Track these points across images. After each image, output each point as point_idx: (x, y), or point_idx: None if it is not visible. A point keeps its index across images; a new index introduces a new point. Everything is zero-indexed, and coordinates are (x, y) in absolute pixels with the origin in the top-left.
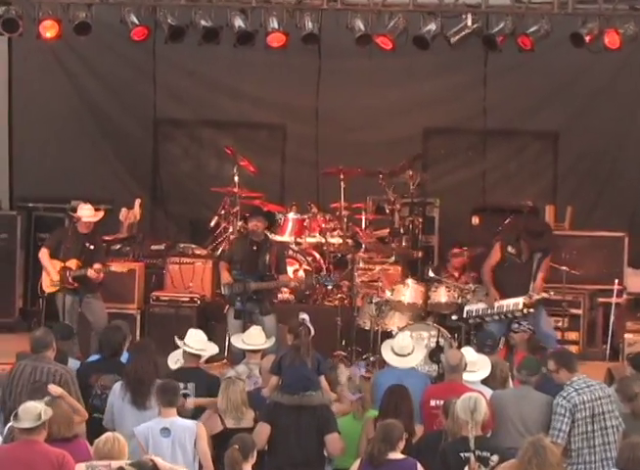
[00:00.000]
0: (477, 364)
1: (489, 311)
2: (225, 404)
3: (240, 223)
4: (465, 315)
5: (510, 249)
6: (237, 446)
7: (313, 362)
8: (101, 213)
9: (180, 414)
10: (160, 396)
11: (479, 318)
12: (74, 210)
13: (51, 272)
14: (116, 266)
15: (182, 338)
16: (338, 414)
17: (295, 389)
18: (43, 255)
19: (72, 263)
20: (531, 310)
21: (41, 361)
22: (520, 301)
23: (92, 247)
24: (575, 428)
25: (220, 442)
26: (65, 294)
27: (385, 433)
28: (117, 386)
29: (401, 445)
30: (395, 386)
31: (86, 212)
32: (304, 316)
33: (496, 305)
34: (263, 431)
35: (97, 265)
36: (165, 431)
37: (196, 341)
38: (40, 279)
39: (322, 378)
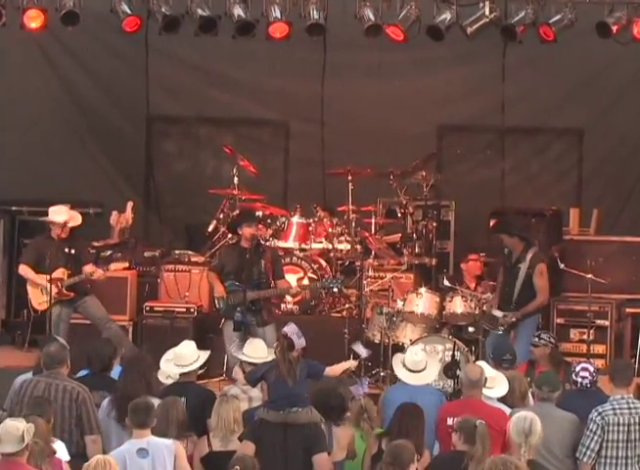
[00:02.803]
0: (495, 380)
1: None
2: (216, 423)
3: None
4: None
5: (506, 250)
6: (238, 468)
7: (301, 377)
8: (78, 218)
9: None
10: (132, 416)
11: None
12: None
13: (42, 285)
14: (115, 265)
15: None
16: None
17: (279, 405)
18: (25, 270)
19: (61, 273)
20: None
21: (55, 378)
22: (500, 316)
23: (73, 251)
24: (604, 450)
25: (207, 466)
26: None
27: (394, 455)
28: (105, 401)
29: (412, 467)
30: (407, 404)
31: (61, 217)
32: (287, 329)
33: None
34: (247, 450)
35: (89, 268)
36: (143, 451)
37: (184, 356)
38: (27, 295)
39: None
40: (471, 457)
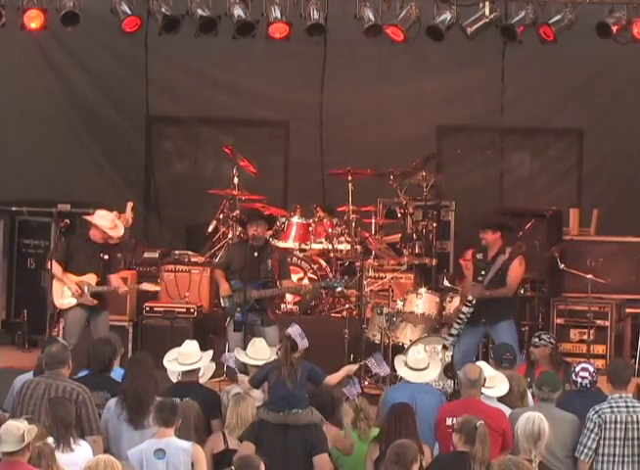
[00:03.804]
0: (495, 380)
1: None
2: (235, 421)
3: (239, 229)
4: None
5: (478, 255)
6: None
7: (301, 379)
8: (121, 229)
9: None
10: (157, 414)
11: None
12: (86, 214)
13: (71, 287)
14: (147, 286)
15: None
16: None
17: (279, 406)
18: (57, 269)
19: (91, 278)
20: (473, 301)
21: (56, 379)
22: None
23: (107, 257)
24: (601, 447)
25: (220, 462)
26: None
27: (398, 455)
28: (112, 403)
29: (416, 467)
30: (398, 404)
31: (105, 223)
32: (290, 330)
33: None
34: (248, 450)
35: (115, 281)
36: (160, 452)
37: (188, 354)
38: (51, 293)
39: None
40: (472, 458)
